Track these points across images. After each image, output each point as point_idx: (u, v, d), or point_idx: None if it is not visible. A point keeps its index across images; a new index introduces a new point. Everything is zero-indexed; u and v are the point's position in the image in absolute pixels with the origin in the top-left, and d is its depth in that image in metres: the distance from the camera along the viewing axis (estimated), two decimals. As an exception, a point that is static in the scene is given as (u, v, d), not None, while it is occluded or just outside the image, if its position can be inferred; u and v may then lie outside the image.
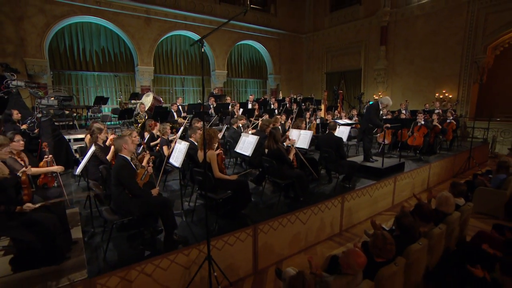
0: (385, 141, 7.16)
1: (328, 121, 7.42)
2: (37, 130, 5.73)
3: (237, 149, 4.87)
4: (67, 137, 6.94)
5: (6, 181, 2.49)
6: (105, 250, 2.87)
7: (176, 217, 3.31)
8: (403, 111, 9.45)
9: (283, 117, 7.85)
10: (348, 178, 4.84)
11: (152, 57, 12.19)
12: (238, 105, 8.92)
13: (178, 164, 3.70)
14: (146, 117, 7.15)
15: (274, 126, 4.93)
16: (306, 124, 7.56)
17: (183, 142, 3.81)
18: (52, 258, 2.62)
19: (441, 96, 11.62)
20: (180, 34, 13.19)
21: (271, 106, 10.14)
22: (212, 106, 9.02)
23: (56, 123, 6.64)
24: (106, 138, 4.38)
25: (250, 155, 4.50)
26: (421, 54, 12.22)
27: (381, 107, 5.65)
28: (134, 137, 4.05)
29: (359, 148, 7.43)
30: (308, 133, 5.03)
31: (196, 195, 4.18)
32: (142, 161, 3.82)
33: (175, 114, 8.29)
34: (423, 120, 7.35)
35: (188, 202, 4.22)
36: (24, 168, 2.65)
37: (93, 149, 3.70)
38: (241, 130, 6.26)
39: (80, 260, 2.71)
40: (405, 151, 7.47)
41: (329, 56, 16.31)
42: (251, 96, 10.66)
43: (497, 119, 10.66)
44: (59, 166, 3.48)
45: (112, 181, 2.99)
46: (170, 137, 5.23)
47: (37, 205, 2.61)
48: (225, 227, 3.36)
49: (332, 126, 5.06)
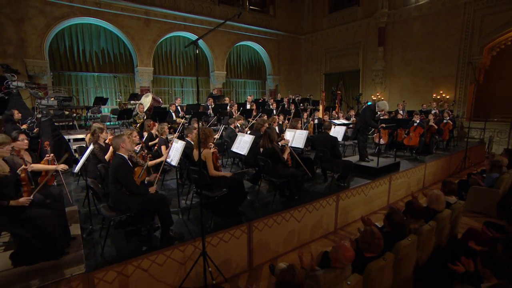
0: (382, 141, 7.25)
1: (325, 121, 7.49)
2: (36, 130, 5.81)
3: (233, 149, 4.95)
4: (67, 137, 7.03)
5: (6, 179, 2.57)
6: (103, 246, 2.95)
7: (173, 215, 3.40)
8: (400, 112, 9.53)
9: (281, 117, 7.95)
10: (343, 177, 4.90)
11: (152, 58, 12.27)
12: (236, 106, 8.99)
13: (175, 163, 3.79)
14: (145, 118, 7.23)
15: (269, 126, 5.00)
16: (303, 124, 7.64)
17: (180, 141, 3.89)
18: (51, 254, 2.69)
19: (438, 97, 11.71)
20: (180, 35, 13.27)
21: (270, 107, 10.20)
22: (211, 107, 9.09)
23: (56, 123, 6.72)
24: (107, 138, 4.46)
25: (246, 154, 4.58)
26: (419, 55, 12.30)
27: (377, 110, 5.74)
28: (134, 137, 4.14)
29: (356, 148, 7.50)
30: (304, 133, 5.09)
31: (193, 193, 4.25)
32: (144, 159, 3.90)
33: (174, 114, 8.36)
34: (419, 120, 7.44)
35: (185, 200, 4.29)
36: (24, 166, 2.73)
37: (92, 148, 3.78)
38: (240, 130, 6.34)
39: (79, 255, 2.78)
40: (402, 151, 7.57)
41: (328, 57, 16.40)
42: (250, 97, 10.73)
43: (494, 120, 10.73)
44: (64, 165, 3.54)
45: (110, 179, 3.06)
46: (169, 136, 5.30)
47: (31, 197, 2.64)
48: (221, 225, 3.43)
49: (327, 126, 5.13)
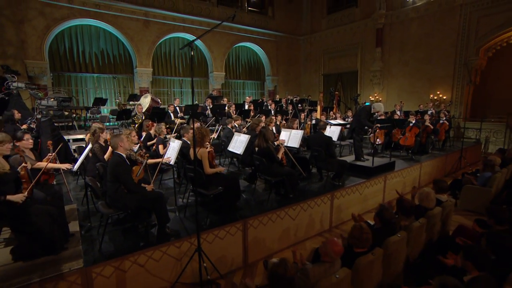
0: (378, 141, 7.33)
1: (321, 121, 7.58)
2: (35, 127, 5.89)
3: (230, 148, 5.03)
4: (66, 137, 7.10)
5: (6, 176, 2.64)
6: (101, 242, 3.02)
7: (170, 213, 3.47)
8: (397, 112, 9.62)
9: (279, 118, 8.04)
10: (338, 176, 4.98)
11: (151, 59, 12.36)
12: (234, 106, 9.08)
13: (173, 162, 3.87)
14: (143, 118, 7.31)
15: (264, 126, 5.08)
16: (299, 125, 7.72)
17: (177, 141, 3.97)
18: (51, 249, 2.77)
19: (435, 97, 11.80)
20: (179, 37, 13.37)
21: (268, 107, 10.29)
22: (209, 107, 9.18)
23: (56, 124, 6.80)
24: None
25: (242, 153, 4.66)
26: (416, 56, 12.40)
27: (373, 111, 5.82)
28: (133, 137, 4.22)
29: (352, 148, 7.58)
30: (299, 133, 5.18)
31: (189, 192, 4.33)
32: (142, 157, 3.98)
33: (172, 115, 8.45)
34: (414, 121, 7.54)
35: (182, 199, 4.37)
36: (24, 164, 2.81)
37: (90, 147, 3.85)
38: (237, 130, 6.42)
39: (77, 251, 2.86)
40: (398, 151, 7.65)
41: (326, 58, 16.50)
42: (248, 98, 10.82)
43: (491, 120, 10.83)
44: (68, 164, 3.62)
45: (108, 178, 3.14)
46: (168, 136, 5.39)
47: (26, 193, 2.68)
48: (216, 222, 3.51)
49: (322, 126, 5.20)
